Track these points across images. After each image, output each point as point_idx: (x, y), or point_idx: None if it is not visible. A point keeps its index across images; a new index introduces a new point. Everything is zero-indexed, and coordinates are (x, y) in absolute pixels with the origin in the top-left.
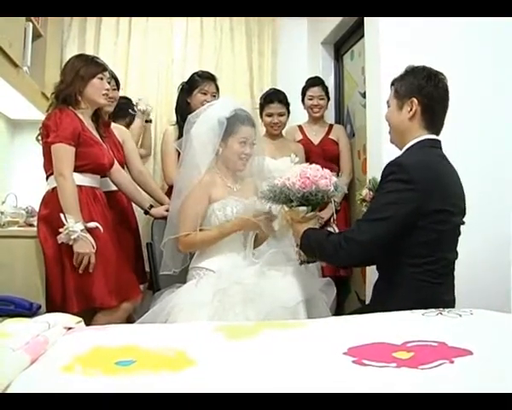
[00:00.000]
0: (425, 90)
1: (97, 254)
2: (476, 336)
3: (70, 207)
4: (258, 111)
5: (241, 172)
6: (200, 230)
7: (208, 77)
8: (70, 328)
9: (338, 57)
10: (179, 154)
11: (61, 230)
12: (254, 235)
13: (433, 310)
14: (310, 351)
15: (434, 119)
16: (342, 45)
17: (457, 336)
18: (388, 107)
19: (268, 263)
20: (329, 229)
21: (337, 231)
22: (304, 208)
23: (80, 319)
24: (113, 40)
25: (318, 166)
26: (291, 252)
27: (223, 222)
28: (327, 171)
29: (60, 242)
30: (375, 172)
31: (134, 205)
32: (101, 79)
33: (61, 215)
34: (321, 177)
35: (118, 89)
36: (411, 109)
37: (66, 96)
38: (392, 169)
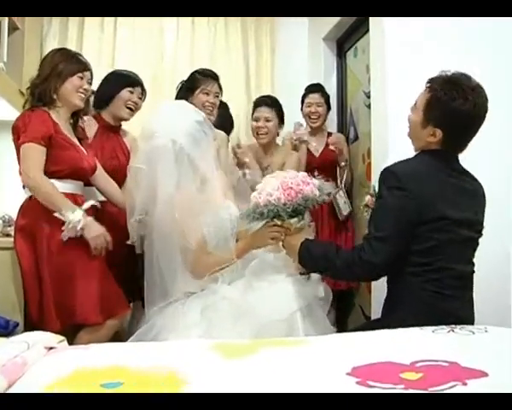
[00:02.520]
0: (456, 129)
1: (80, 266)
2: (492, 355)
3: (56, 202)
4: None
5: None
6: None
7: (211, 75)
8: (51, 348)
9: (341, 54)
10: None
11: (63, 228)
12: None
13: (444, 327)
14: (310, 371)
15: (456, 146)
16: (345, 41)
17: (471, 356)
18: (415, 105)
19: (254, 274)
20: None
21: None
22: (295, 220)
23: (63, 337)
24: (98, 35)
25: (295, 172)
26: (275, 258)
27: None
28: (303, 174)
29: (66, 238)
30: None
31: None
32: (81, 78)
33: (57, 215)
34: (303, 183)
35: (143, 99)
36: (433, 136)
37: (40, 92)
38: (385, 175)
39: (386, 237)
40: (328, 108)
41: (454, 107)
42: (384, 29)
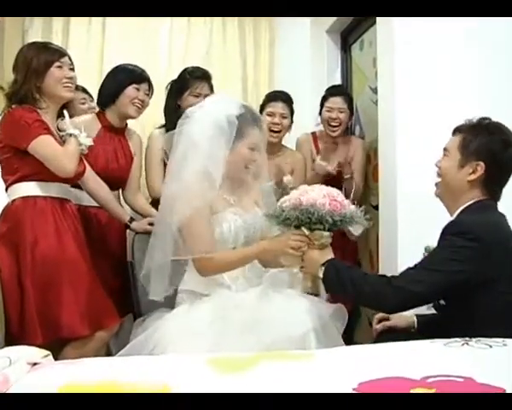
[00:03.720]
0: (498, 158)
1: (66, 274)
2: (510, 371)
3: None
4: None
5: (244, 181)
6: None
7: (200, 76)
8: (35, 363)
9: (345, 48)
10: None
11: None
12: None
13: (457, 339)
14: (312, 387)
15: (497, 188)
16: (350, 34)
17: (487, 371)
18: (445, 155)
19: (272, 284)
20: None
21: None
22: (327, 234)
23: (48, 352)
24: (86, 27)
25: (336, 190)
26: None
27: (218, 242)
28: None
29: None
30: (387, 179)
31: None
32: (60, 67)
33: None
34: (347, 202)
35: (150, 95)
36: (474, 173)
37: (21, 96)
38: (455, 228)
39: (432, 269)
40: (352, 113)
41: (492, 134)
42: (393, 20)
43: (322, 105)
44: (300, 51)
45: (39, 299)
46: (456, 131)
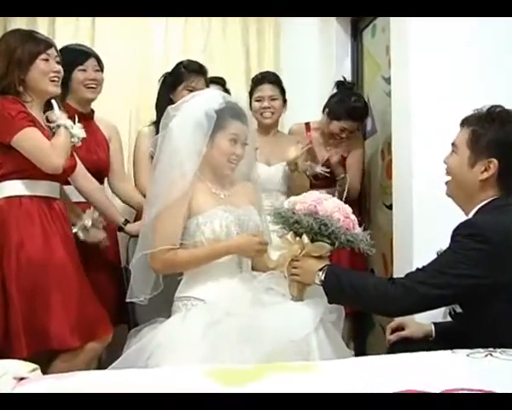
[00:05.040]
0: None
1: (55, 280)
2: None
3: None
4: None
5: (229, 177)
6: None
7: (196, 70)
8: (22, 378)
9: (356, 34)
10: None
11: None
12: None
13: (480, 350)
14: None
15: None
16: (361, 19)
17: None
18: (454, 152)
19: (265, 287)
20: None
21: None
22: (330, 247)
23: (35, 365)
24: (74, 23)
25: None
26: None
27: (211, 239)
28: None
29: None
30: (402, 177)
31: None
32: (47, 60)
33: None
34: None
35: (101, 70)
36: (486, 171)
37: (3, 88)
38: (465, 230)
39: (442, 272)
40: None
41: (504, 125)
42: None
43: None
44: (307, 39)
45: (25, 307)
46: (465, 122)
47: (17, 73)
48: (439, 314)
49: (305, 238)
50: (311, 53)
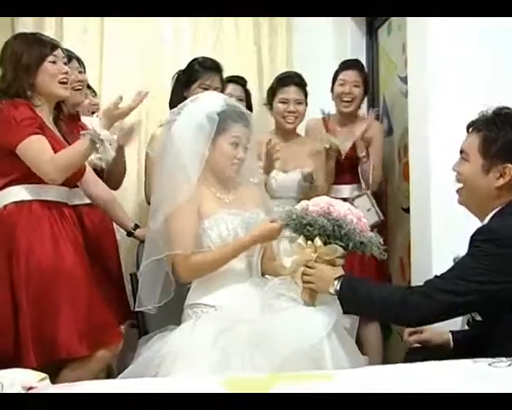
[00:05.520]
0: None
1: (65, 288)
2: None
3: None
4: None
5: (232, 180)
6: None
7: (211, 67)
8: (31, 388)
9: (371, 32)
10: None
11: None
12: (261, 255)
13: (503, 359)
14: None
15: None
16: (377, 17)
17: None
18: (464, 159)
19: (276, 292)
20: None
21: None
22: (342, 251)
23: (44, 375)
24: (83, 19)
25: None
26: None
27: (217, 243)
28: None
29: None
30: (419, 179)
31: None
32: (54, 62)
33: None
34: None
35: (84, 70)
36: (502, 177)
37: (12, 95)
38: (483, 235)
39: (459, 277)
40: (366, 90)
41: None
42: None
43: (334, 80)
44: (321, 37)
45: (34, 315)
46: (473, 127)
47: (25, 77)
48: (455, 324)
49: (318, 241)
50: (324, 52)
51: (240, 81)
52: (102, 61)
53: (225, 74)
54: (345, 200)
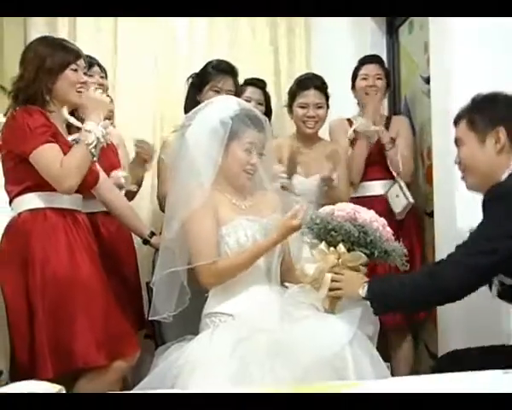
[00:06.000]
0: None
1: (81, 297)
2: None
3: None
4: (285, 110)
5: (246, 186)
6: None
7: (224, 70)
8: None
9: (392, 31)
10: None
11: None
12: (280, 263)
13: None
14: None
15: None
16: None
17: None
18: (459, 146)
19: (295, 300)
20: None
21: None
22: (365, 257)
23: (60, 386)
24: (96, 18)
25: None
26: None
27: (235, 250)
28: None
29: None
30: (444, 182)
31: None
32: (76, 70)
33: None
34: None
35: (106, 76)
36: (498, 141)
37: (29, 96)
38: (495, 193)
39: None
40: (388, 84)
41: (496, 104)
42: None
43: (355, 77)
44: (340, 37)
45: (51, 325)
46: (457, 120)
47: (45, 81)
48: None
49: (342, 247)
50: (343, 52)
51: (259, 84)
52: (116, 62)
53: (242, 76)
54: (377, 197)
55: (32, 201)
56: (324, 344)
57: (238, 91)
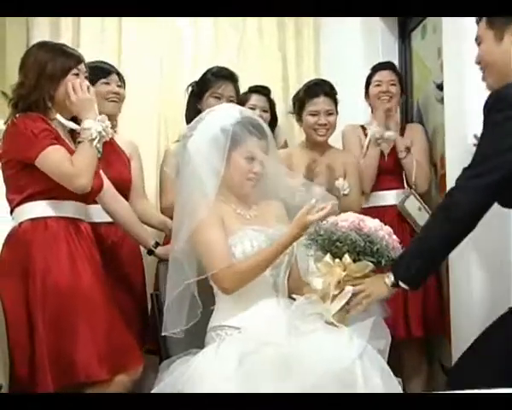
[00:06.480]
0: None
1: (83, 309)
2: None
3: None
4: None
5: (249, 195)
6: None
7: (225, 76)
8: None
9: (404, 35)
10: None
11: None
12: (287, 275)
13: None
14: None
15: None
16: (409, 18)
17: None
18: (479, 43)
19: (303, 312)
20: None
21: None
22: (372, 266)
23: None
24: (100, 18)
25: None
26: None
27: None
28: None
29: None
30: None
31: None
32: (77, 74)
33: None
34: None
35: (123, 86)
36: None
37: (30, 103)
38: (494, 102)
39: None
40: (402, 90)
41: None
42: None
43: (368, 84)
44: (350, 41)
45: (51, 337)
46: (478, 19)
47: (47, 87)
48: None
49: (348, 258)
50: (353, 57)
51: (263, 91)
52: (120, 64)
53: (249, 79)
54: (390, 207)
55: (32, 210)
56: (333, 358)
57: (239, 97)
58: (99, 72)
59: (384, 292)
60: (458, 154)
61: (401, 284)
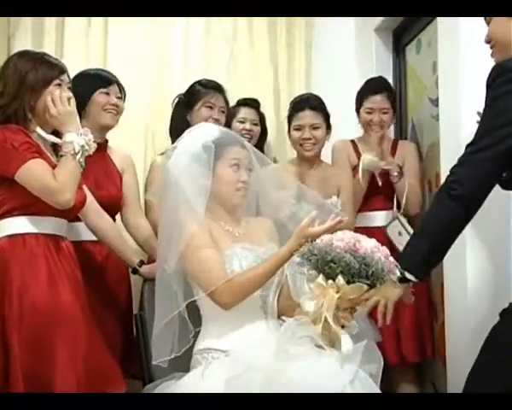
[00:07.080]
0: None
1: (61, 330)
2: None
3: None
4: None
5: (239, 209)
6: None
7: (214, 87)
8: None
9: (398, 49)
10: None
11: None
12: (277, 296)
13: None
14: None
15: None
16: (404, 32)
17: None
18: (489, 23)
19: (293, 336)
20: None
21: None
22: (366, 288)
23: None
24: (84, 30)
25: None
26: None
27: None
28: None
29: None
30: None
31: None
32: (59, 85)
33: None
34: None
35: (123, 98)
36: None
37: (10, 114)
38: (496, 75)
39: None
40: (394, 110)
41: None
42: None
43: (360, 104)
44: (343, 54)
45: (27, 360)
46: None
47: (28, 98)
48: None
49: (341, 279)
50: (347, 70)
51: (253, 104)
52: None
53: (240, 91)
54: (378, 228)
55: (10, 226)
56: (323, 383)
57: (229, 109)
58: (99, 80)
59: (397, 291)
60: None
61: (407, 275)
